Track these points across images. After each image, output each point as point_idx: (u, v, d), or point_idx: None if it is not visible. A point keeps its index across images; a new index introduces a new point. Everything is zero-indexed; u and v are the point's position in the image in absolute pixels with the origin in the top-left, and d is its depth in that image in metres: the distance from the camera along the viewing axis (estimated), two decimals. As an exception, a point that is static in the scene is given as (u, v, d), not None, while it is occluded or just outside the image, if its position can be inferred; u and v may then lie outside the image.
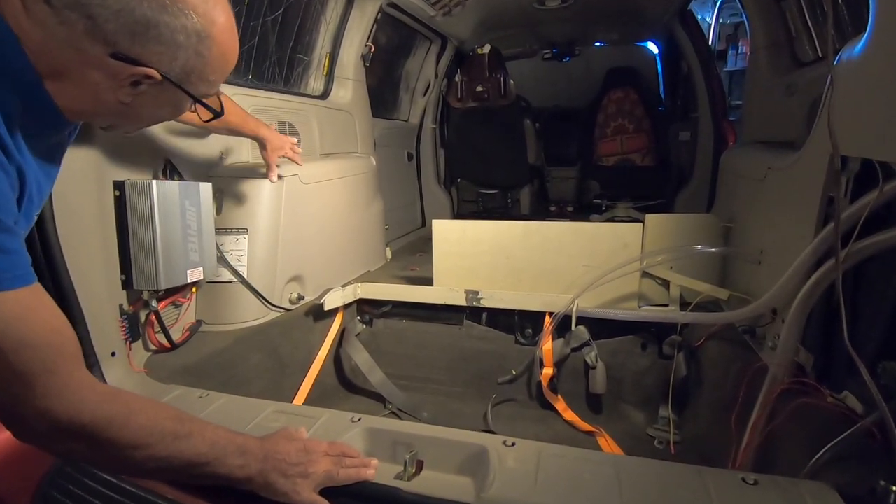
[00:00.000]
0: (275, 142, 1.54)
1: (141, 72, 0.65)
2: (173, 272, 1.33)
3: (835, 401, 1.00)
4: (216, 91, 0.79)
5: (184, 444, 0.72)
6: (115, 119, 0.76)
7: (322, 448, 0.85)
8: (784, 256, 1.26)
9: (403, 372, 1.88)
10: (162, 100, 0.72)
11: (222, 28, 0.69)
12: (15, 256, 0.60)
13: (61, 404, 0.63)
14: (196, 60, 0.68)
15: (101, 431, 0.65)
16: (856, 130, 0.95)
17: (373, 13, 2.32)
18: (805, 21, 1.72)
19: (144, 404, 0.72)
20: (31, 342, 0.60)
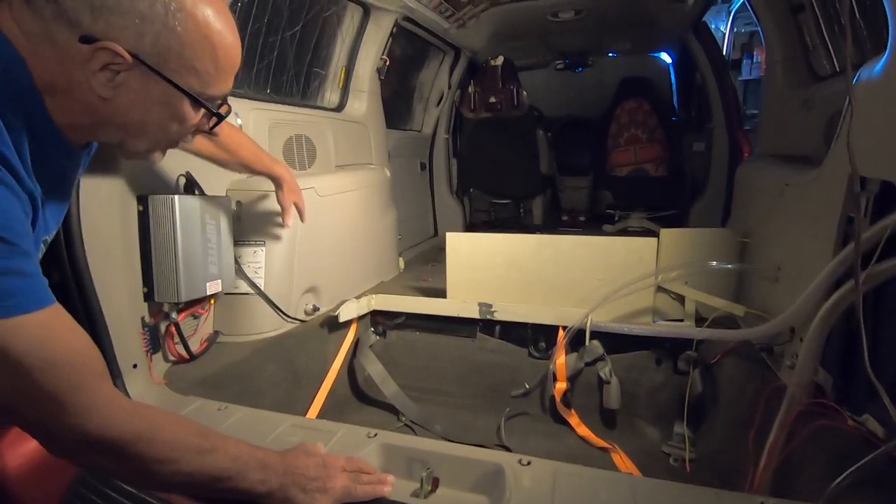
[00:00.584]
0: (291, 183, 1.50)
1: (104, 47, 0.60)
2: (193, 284, 1.36)
3: (855, 424, 0.99)
4: (218, 93, 0.73)
5: (207, 458, 0.73)
6: (115, 133, 0.71)
7: (340, 463, 0.86)
8: (802, 274, 1.25)
9: (416, 384, 1.89)
10: (148, 95, 0.66)
11: (196, 3, 0.64)
12: (33, 280, 0.61)
13: (89, 421, 0.64)
14: (170, 38, 0.63)
15: (128, 447, 0.67)
16: (876, 152, 0.95)
17: (388, 27, 2.36)
18: (822, 35, 1.71)
19: (169, 419, 0.73)
20: (55, 362, 0.61)
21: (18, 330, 0.58)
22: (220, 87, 0.72)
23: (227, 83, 0.73)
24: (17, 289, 0.58)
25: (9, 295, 0.58)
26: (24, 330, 0.59)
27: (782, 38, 1.85)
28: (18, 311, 0.58)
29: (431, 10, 2.50)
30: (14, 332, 0.58)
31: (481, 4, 2.71)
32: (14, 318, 0.58)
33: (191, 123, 0.73)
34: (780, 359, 1.32)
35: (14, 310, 0.58)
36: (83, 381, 0.64)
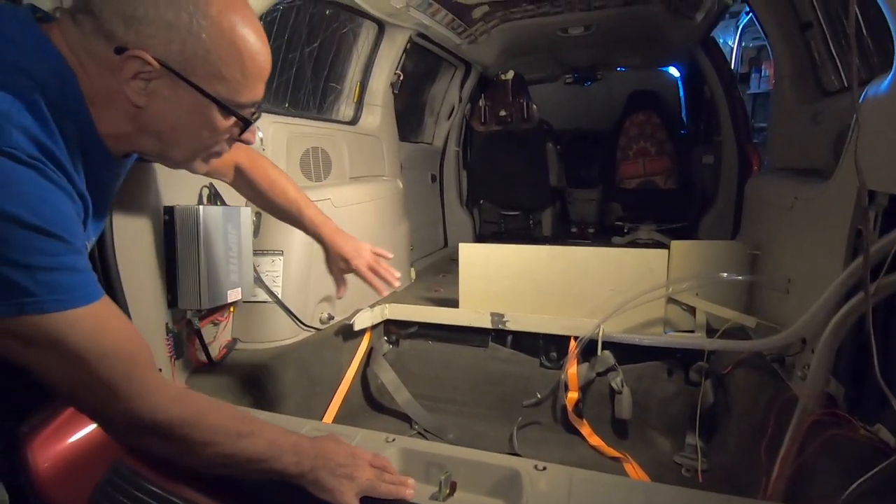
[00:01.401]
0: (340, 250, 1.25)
1: (134, 55, 0.63)
2: (215, 292, 1.40)
3: (867, 433, 1.00)
4: (247, 101, 0.73)
5: (246, 442, 0.77)
6: (153, 143, 0.74)
7: (367, 457, 0.89)
8: (812, 286, 1.26)
9: (429, 392, 1.91)
10: (178, 102, 0.69)
11: (223, 12, 0.66)
12: (87, 274, 0.65)
13: (140, 407, 0.69)
14: (196, 45, 0.65)
15: (175, 430, 0.72)
16: (884, 166, 0.97)
17: (402, 43, 2.42)
18: (830, 51, 1.74)
19: (213, 405, 0.78)
20: (108, 352, 0.66)
21: (75, 322, 0.62)
22: (248, 94, 0.73)
23: (256, 90, 0.74)
24: (73, 283, 0.62)
25: (65, 289, 0.61)
26: (80, 322, 0.63)
27: (791, 53, 1.88)
28: (74, 303, 0.62)
29: (444, 27, 2.57)
30: (71, 324, 0.62)
31: (492, 21, 2.78)
32: (70, 311, 0.62)
33: (222, 130, 0.75)
34: (791, 369, 1.33)
35: (70, 302, 0.62)
36: (134, 370, 0.69)
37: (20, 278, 0.58)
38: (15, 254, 0.57)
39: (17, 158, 0.57)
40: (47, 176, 0.60)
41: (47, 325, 0.61)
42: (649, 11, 2.66)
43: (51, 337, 0.61)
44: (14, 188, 0.57)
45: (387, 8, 2.13)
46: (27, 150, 0.58)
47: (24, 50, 0.62)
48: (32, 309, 0.59)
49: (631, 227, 3.58)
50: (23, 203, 0.57)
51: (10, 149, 0.57)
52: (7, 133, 0.57)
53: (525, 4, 2.60)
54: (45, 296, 0.60)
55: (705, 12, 2.43)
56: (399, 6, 2.13)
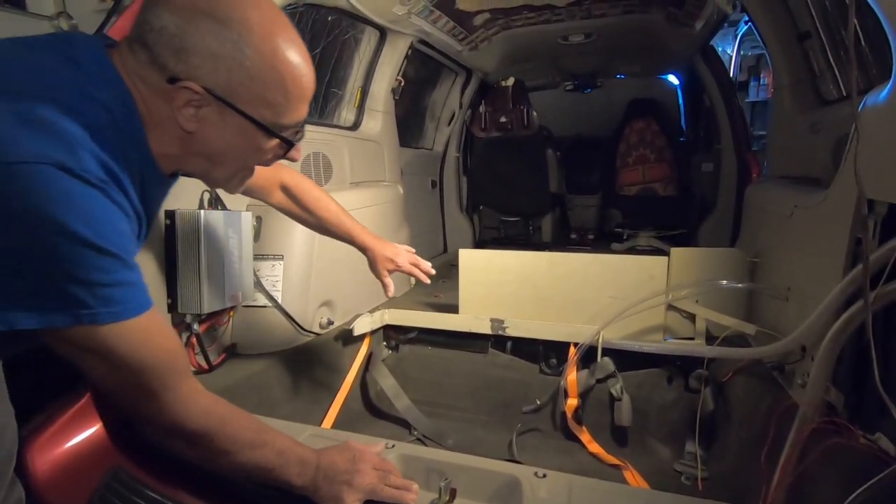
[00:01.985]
0: (379, 252, 1.42)
1: (184, 86, 0.67)
2: (215, 297, 1.40)
3: (867, 442, 1.00)
4: (291, 122, 0.76)
5: (258, 452, 0.84)
6: (200, 164, 0.79)
7: (372, 461, 0.93)
8: (812, 294, 1.26)
9: (428, 398, 1.90)
10: (226, 127, 0.72)
11: (265, 39, 0.69)
12: (135, 289, 0.70)
13: (173, 414, 0.76)
14: (240, 72, 0.68)
15: (198, 438, 0.79)
16: (882, 175, 0.97)
17: (403, 49, 2.44)
18: (828, 61, 1.75)
19: (234, 416, 0.84)
20: (149, 363, 0.72)
21: (123, 333, 0.68)
22: (292, 115, 0.76)
23: (299, 111, 0.77)
24: (124, 297, 0.68)
25: (116, 302, 0.67)
26: (127, 334, 0.69)
27: (789, 63, 1.89)
28: (125, 315, 0.68)
29: (445, 34, 2.59)
30: (118, 336, 0.68)
31: (493, 28, 2.80)
32: (120, 323, 0.68)
33: (266, 151, 0.79)
34: (791, 377, 1.33)
35: (122, 315, 0.68)
36: (170, 380, 0.75)
37: (80, 292, 0.64)
38: (78, 271, 0.63)
39: (87, 181, 0.62)
40: (111, 197, 0.66)
41: (99, 335, 0.67)
42: (649, 20, 2.68)
43: (101, 345, 0.68)
44: (83, 210, 0.62)
45: (388, 15, 2.15)
46: (96, 174, 0.63)
47: (94, 77, 0.67)
48: (88, 320, 0.65)
49: (630, 234, 3.58)
50: (89, 224, 0.62)
51: (83, 172, 0.62)
52: (80, 157, 0.62)
53: (526, 12, 2.62)
54: (99, 308, 0.65)
55: (704, 21, 2.45)
56: (401, 13, 2.15)
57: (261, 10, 0.70)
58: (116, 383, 0.73)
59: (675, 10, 2.52)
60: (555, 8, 2.57)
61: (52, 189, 0.60)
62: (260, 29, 0.69)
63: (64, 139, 0.61)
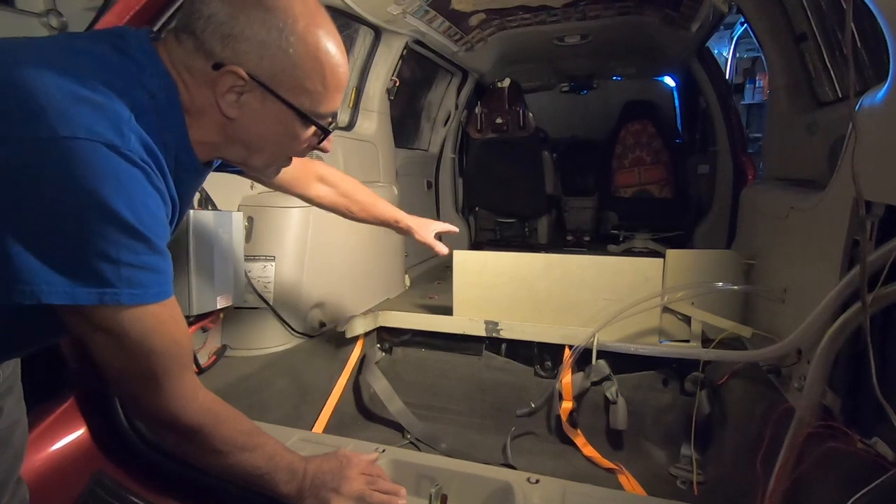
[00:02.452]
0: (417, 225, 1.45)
1: (230, 70, 0.69)
2: (205, 298, 1.38)
3: (865, 446, 0.98)
4: (326, 111, 0.78)
5: (248, 455, 0.83)
6: (239, 151, 0.79)
7: (360, 466, 0.93)
8: (808, 296, 1.25)
9: (422, 401, 1.89)
10: (266, 114, 0.74)
11: (308, 28, 0.71)
12: (161, 275, 0.70)
13: (170, 405, 0.75)
14: (283, 59, 0.70)
15: (192, 434, 0.78)
16: (879, 177, 0.96)
17: (399, 49, 2.42)
18: (824, 62, 1.75)
19: (230, 416, 0.83)
20: (158, 350, 0.71)
21: (139, 317, 0.68)
22: (328, 105, 0.77)
23: (335, 101, 0.78)
24: (147, 281, 0.67)
25: (139, 285, 0.66)
26: (142, 318, 0.68)
27: (785, 65, 1.89)
28: (146, 299, 0.67)
29: (441, 34, 2.57)
30: (133, 319, 0.68)
31: (489, 29, 2.79)
32: (137, 307, 0.67)
33: (303, 139, 0.80)
34: (787, 380, 1.32)
35: (142, 297, 0.67)
36: (173, 370, 0.74)
37: (107, 270, 0.64)
38: (108, 247, 0.63)
39: (131, 160, 0.64)
40: (151, 180, 0.67)
41: (116, 315, 0.67)
42: (644, 21, 2.67)
43: (116, 325, 0.67)
44: (126, 189, 0.63)
45: (383, 14, 2.13)
46: (140, 154, 0.65)
47: (143, 66, 0.70)
48: (110, 299, 0.65)
49: (626, 236, 3.57)
50: (129, 204, 0.63)
51: (128, 151, 0.63)
52: (127, 137, 0.63)
53: (522, 13, 2.61)
54: (123, 288, 0.65)
55: (700, 23, 2.44)
56: (395, 13, 2.13)
57: (304, 1, 0.72)
58: (121, 365, 0.72)
59: (671, 11, 2.52)
60: (550, 9, 2.56)
61: (100, 165, 0.61)
62: (304, 19, 0.71)
63: (114, 119, 0.63)
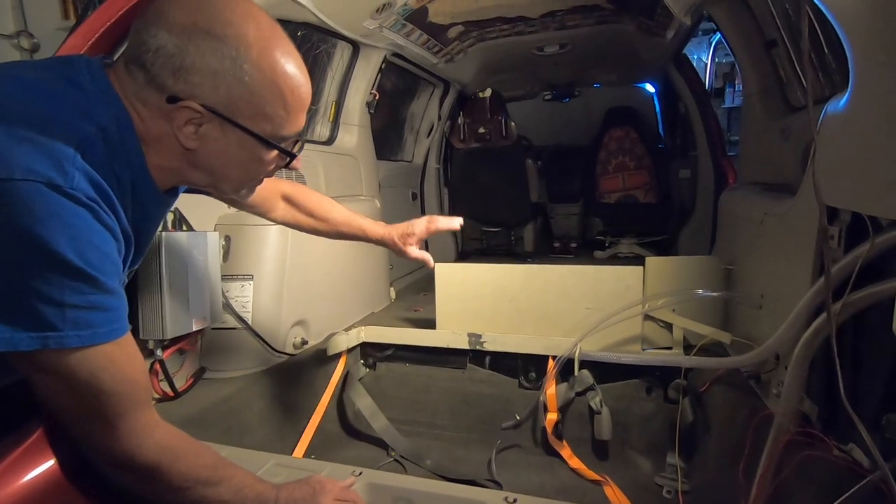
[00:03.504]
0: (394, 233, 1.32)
1: (185, 106, 0.67)
2: (179, 321, 1.35)
3: (841, 454, 0.98)
4: (291, 133, 0.76)
5: (212, 490, 0.80)
6: (203, 177, 0.77)
7: (335, 492, 0.91)
8: (784, 302, 1.26)
9: (406, 416, 1.87)
10: (227, 143, 0.72)
11: (263, 53, 0.69)
12: (111, 313, 0.68)
13: (124, 445, 0.73)
14: (239, 87, 0.68)
15: (149, 473, 0.76)
16: (842, 184, 0.97)
17: (377, 63, 2.42)
18: (794, 68, 1.77)
19: (190, 450, 0.80)
20: (108, 390, 0.69)
21: (86, 359, 0.66)
22: (291, 126, 0.76)
23: (298, 122, 0.77)
24: (95, 321, 0.66)
25: (86, 326, 0.65)
26: (91, 359, 0.66)
27: (757, 71, 1.91)
28: (94, 340, 0.66)
29: (420, 46, 2.58)
30: (82, 361, 0.66)
31: (468, 40, 2.80)
32: (85, 349, 0.66)
33: (269, 162, 0.78)
34: (767, 386, 1.32)
35: (89, 339, 0.65)
36: (127, 409, 0.72)
37: (50, 313, 0.62)
38: (52, 291, 0.61)
39: (77, 200, 0.62)
40: (99, 217, 0.65)
41: (62, 358, 0.65)
42: (621, 30, 2.70)
43: (62, 368, 0.65)
44: (68, 229, 0.61)
45: (359, 29, 2.13)
46: (86, 192, 0.63)
47: (90, 95, 0.68)
48: (55, 343, 0.63)
49: (612, 241, 3.59)
50: (72, 243, 0.61)
51: (72, 190, 0.61)
52: (71, 175, 0.61)
53: (499, 24, 2.62)
54: (68, 331, 0.64)
55: (675, 31, 2.47)
56: (372, 27, 2.13)
57: (257, 23, 0.70)
58: (69, 406, 0.70)
59: (645, 20, 2.55)
60: (528, 19, 2.58)
61: (39, 206, 0.59)
62: (258, 43, 0.69)
63: (54, 156, 0.61)
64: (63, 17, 2.30)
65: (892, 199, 0.84)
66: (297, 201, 1.26)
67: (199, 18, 0.66)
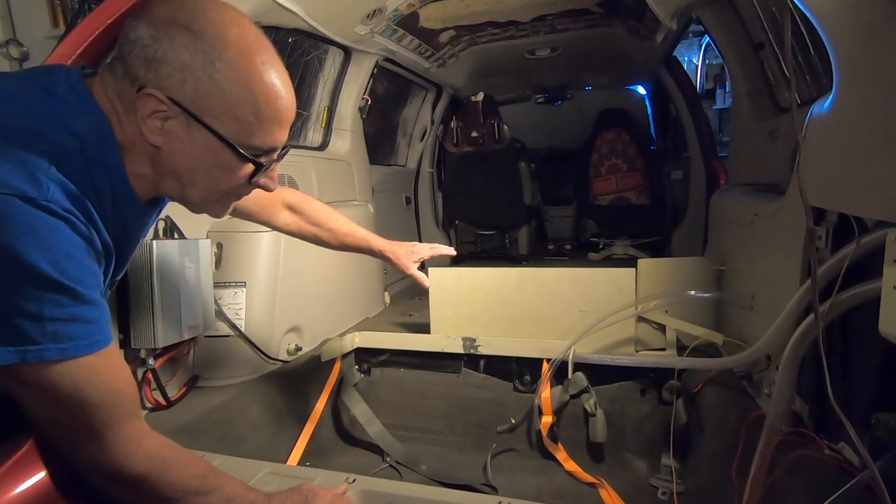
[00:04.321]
0: (396, 252, 1.41)
1: (148, 93, 0.66)
2: (171, 330, 1.35)
3: (832, 453, 0.99)
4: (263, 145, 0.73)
5: (203, 500, 0.79)
6: (173, 185, 0.75)
7: (327, 499, 0.91)
8: (774, 302, 1.27)
9: (402, 422, 1.86)
10: (193, 143, 0.69)
11: (240, 56, 0.67)
12: (92, 325, 0.67)
13: (112, 456, 0.72)
14: (208, 83, 0.66)
15: (138, 484, 0.74)
16: (828, 185, 0.98)
17: (369, 68, 2.42)
18: (782, 70, 1.79)
19: (181, 460, 0.79)
20: (94, 402, 0.68)
21: (69, 371, 0.65)
22: (263, 137, 0.72)
23: (272, 134, 0.73)
24: (76, 334, 0.65)
25: (67, 339, 0.64)
26: (74, 371, 0.66)
27: (746, 73, 1.93)
28: (75, 352, 0.65)
29: (411, 51, 2.59)
30: (64, 373, 0.65)
31: (460, 45, 2.82)
32: (67, 361, 0.65)
33: (238, 173, 0.75)
34: (759, 386, 1.32)
35: (71, 351, 0.65)
36: (113, 420, 0.71)
37: (29, 327, 0.61)
38: (30, 304, 0.61)
39: (52, 212, 0.61)
40: (77, 229, 0.64)
41: (43, 371, 0.64)
42: (611, 33, 2.72)
43: (44, 381, 0.65)
44: (44, 242, 0.60)
45: (351, 35, 2.14)
46: (62, 204, 0.62)
47: (69, 106, 0.67)
48: (34, 357, 0.63)
49: (606, 243, 3.60)
50: (49, 256, 0.60)
51: (47, 202, 0.60)
52: (46, 188, 0.61)
53: (490, 28, 2.64)
54: (48, 344, 0.63)
55: (664, 34, 2.49)
56: (363, 33, 2.14)
57: (242, 28, 0.69)
58: (54, 420, 0.69)
59: (635, 23, 2.56)
60: (519, 23, 2.59)
61: (13, 220, 0.58)
62: (236, 45, 0.67)
63: (28, 168, 0.60)
64: (53, 25, 2.29)
65: (877, 200, 0.85)
66: (302, 210, 1.25)
67: (179, 14, 0.66)
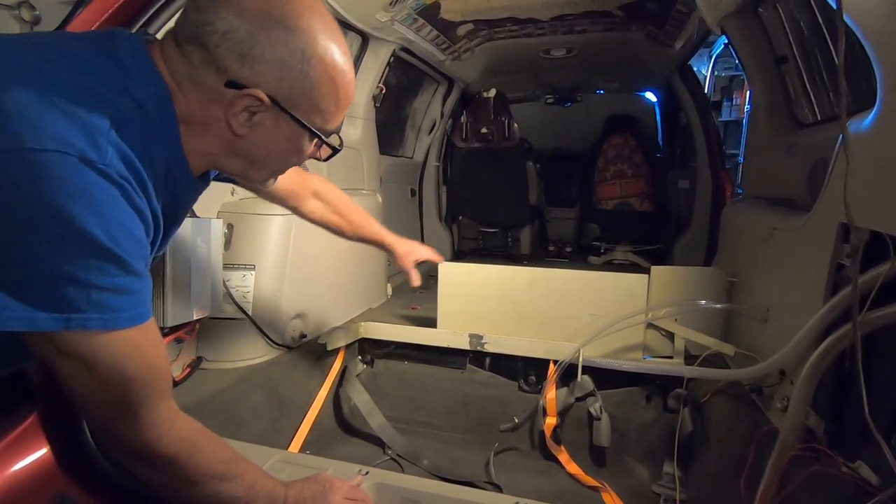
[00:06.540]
0: (401, 249, 1.48)
1: (250, 94, 0.66)
2: (180, 309, 1.32)
3: (849, 471, 0.99)
4: (334, 128, 0.77)
5: (226, 485, 0.79)
6: (239, 164, 0.76)
7: (344, 491, 0.90)
8: (791, 317, 1.27)
9: (403, 415, 1.85)
10: (278, 132, 0.71)
11: (327, 48, 0.69)
12: (136, 297, 0.65)
13: (141, 437, 0.71)
14: (302, 82, 0.68)
15: (166, 465, 0.74)
16: (865, 203, 0.98)
17: (386, 56, 2.39)
18: (804, 85, 1.79)
19: (208, 444, 0.78)
20: (131, 377, 0.67)
21: (109, 343, 0.64)
22: (336, 121, 0.76)
23: (342, 117, 0.77)
24: (119, 305, 0.63)
25: (110, 309, 0.62)
26: (114, 344, 0.64)
27: (766, 86, 1.93)
28: (117, 324, 0.64)
29: (428, 42, 2.56)
30: (104, 346, 0.64)
31: (476, 39, 2.79)
32: (108, 333, 0.63)
33: (307, 154, 0.78)
34: (769, 400, 1.33)
35: (113, 323, 0.63)
36: (149, 398, 0.70)
37: (74, 294, 0.60)
38: (76, 269, 0.59)
39: (108, 177, 0.60)
40: (129, 197, 0.62)
41: (84, 341, 0.63)
42: (629, 38, 2.71)
43: (84, 352, 0.63)
44: (98, 206, 0.59)
45: (371, 21, 2.10)
46: (118, 169, 0.61)
47: (131, 71, 0.66)
48: (77, 325, 0.61)
49: (607, 248, 3.61)
50: (101, 222, 0.59)
51: (105, 166, 0.59)
52: (104, 150, 0.59)
53: (509, 25, 2.62)
54: (91, 313, 0.61)
55: (684, 41, 2.49)
56: (384, 20, 2.11)
57: (322, 17, 0.70)
58: (91, 393, 0.67)
59: (655, 29, 2.56)
60: (538, 22, 2.57)
61: (71, 181, 0.57)
62: (322, 38, 0.68)
63: (90, 130, 0.59)
64: (64, -11, 2.23)
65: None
66: (328, 199, 1.27)
67: (272, 7, 0.65)
